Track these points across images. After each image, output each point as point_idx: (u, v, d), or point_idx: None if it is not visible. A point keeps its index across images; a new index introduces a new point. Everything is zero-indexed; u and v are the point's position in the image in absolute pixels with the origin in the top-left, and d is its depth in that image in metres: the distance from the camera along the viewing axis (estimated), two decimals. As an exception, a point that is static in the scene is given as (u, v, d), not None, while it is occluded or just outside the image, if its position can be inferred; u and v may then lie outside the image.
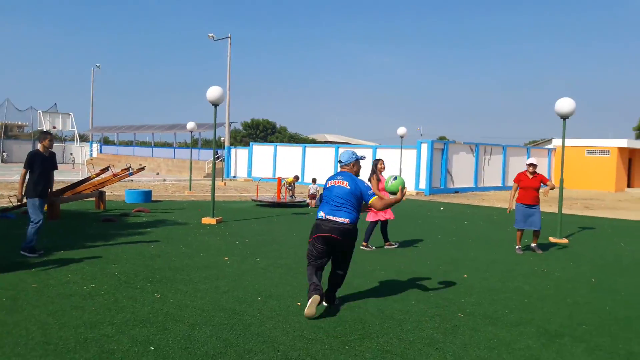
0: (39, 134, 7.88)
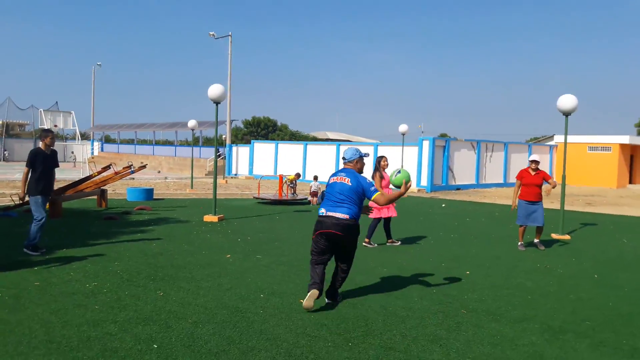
0: (41, 132, 7.88)
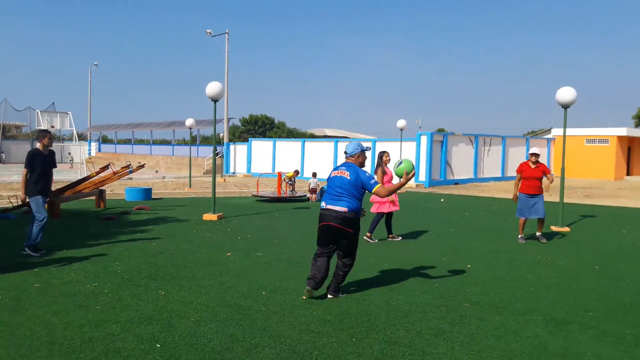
0: (38, 133, 7.85)
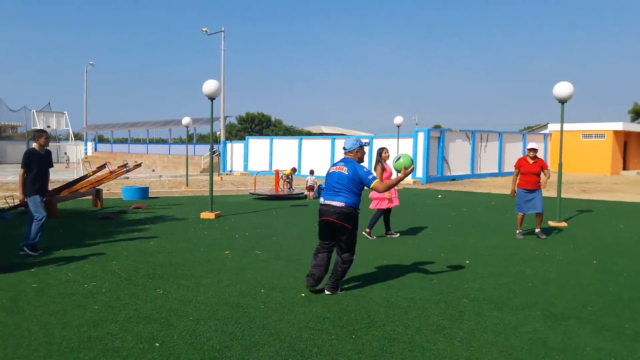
0: (35, 133, 7.81)
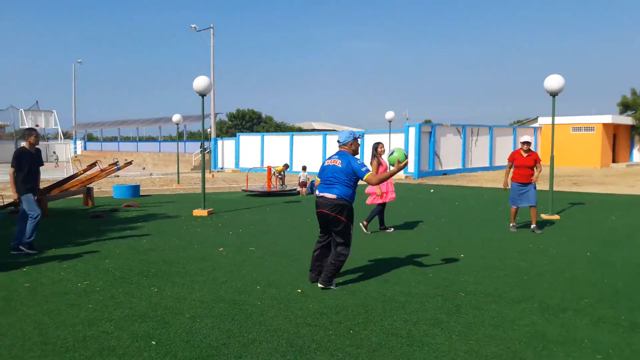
0: (24, 131, 7.72)
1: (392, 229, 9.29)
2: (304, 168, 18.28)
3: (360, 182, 5.58)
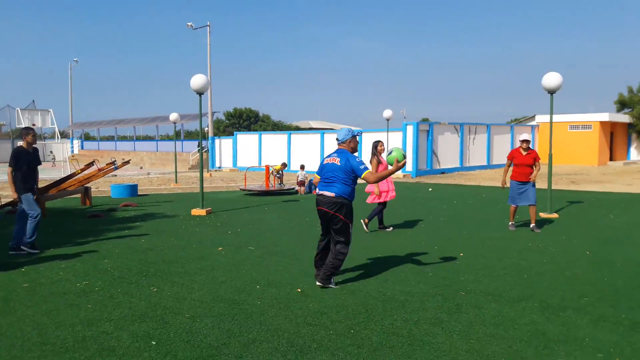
0: (22, 130, 7.70)
1: (391, 227, 9.28)
2: (302, 167, 18.27)
3: (360, 180, 5.58)
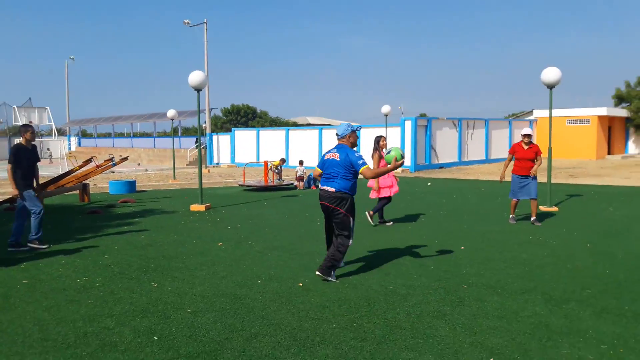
0: (20, 127, 7.66)
1: (391, 222, 9.27)
2: (301, 162, 18.24)
3: (360, 175, 5.57)
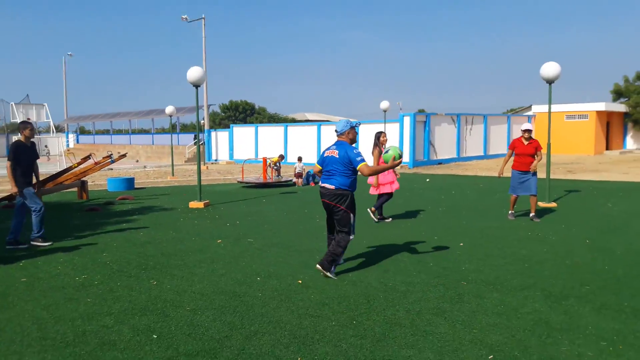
0: (19, 125, 7.63)
1: (390, 219, 9.27)
2: (300, 159, 18.22)
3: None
